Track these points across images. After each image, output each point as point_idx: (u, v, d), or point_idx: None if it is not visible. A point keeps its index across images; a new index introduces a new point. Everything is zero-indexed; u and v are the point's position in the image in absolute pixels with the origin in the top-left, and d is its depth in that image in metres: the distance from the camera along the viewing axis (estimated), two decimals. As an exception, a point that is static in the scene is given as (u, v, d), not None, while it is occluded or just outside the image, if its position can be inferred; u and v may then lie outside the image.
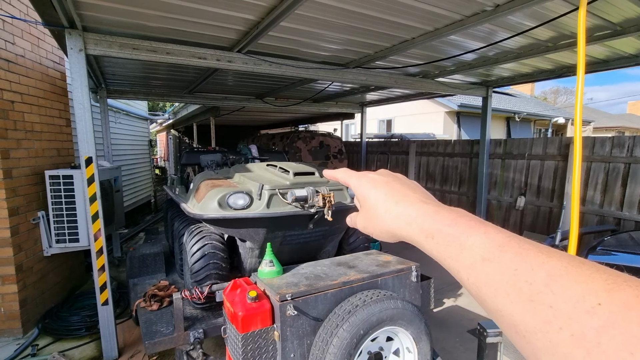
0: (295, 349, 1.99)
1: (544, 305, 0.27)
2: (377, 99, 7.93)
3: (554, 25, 3.19)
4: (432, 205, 0.40)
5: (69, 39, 2.88)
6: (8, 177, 3.48)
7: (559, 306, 0.26)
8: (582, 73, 0.92)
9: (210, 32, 3.21)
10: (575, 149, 0.98)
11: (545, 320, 0.26)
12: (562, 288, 0.27)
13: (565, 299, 0.26)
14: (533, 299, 0.28)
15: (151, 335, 2.45)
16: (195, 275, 2.68)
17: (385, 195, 0.44)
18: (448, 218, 0.37)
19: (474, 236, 0.34)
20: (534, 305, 0.27)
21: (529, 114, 14.80)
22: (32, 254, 3.81)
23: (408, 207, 0.41)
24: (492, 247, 0.33)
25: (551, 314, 0.26)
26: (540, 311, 0.27)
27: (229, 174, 3.27)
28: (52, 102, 4.36)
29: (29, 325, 3.68)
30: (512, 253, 0.31)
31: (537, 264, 0.29)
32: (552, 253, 0.30)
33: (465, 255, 0.34)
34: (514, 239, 0.33)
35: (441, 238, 0.36)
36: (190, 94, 6.48)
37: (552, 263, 0.29)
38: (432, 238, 0.37)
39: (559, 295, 0.26)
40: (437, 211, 0.39)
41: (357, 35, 3.39)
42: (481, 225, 0.35)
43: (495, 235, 0.33)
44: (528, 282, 0.29)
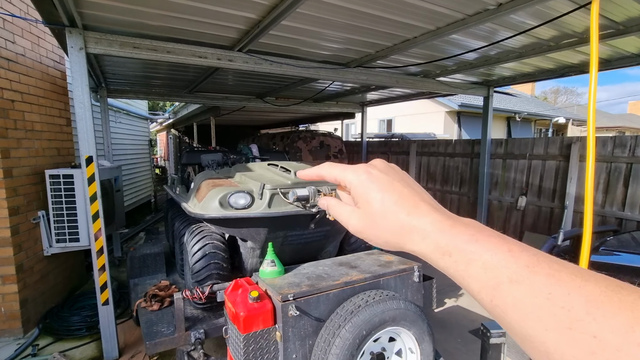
0: (297, 350, 1.98)
1: (586, 334, 0.25)
2: (377, 99, 7.92)
3: (556, 25, 3.18)
4: (447, 218, 0.36)
5: (69, 38, 2.87)
6: (8, 176, 3.47)
7: (605, 336, 0.24)
8: (595, 70, 0.90)
9: (211, 30, 3.19)
10: (588, 151, 0.96)
11: (588, 351, 0.25)
12: (606, 316, 0.25)
13: (612, 328, 0.24)
14: (572, 327, 0.26)
15: (152, 335, 2.44)
16: (196, 275, 2.67)
17: (395, 203, 0.38)
18: (466, 234, 0.34)
19: (497, 255, 0.32)
20: (574, 334, 0.26)
21: (529, 114, 14.80)
22: (32, 253, 3.79)
23: (421, 218, 0.37)
24: (520, 267, 0.30)
25: (595, 344, 0.24)
26: (582, 341, 0.25)
27: (229, 174, 3.26)
28: (52, 102, 4.34)
29: (30, 325, 3.67)
30: (544, 275, 0.29)
31: (573, 288, 0.27)
32: (586, 276, 0.28)
33: (489, 276, 0.31)
34: (541, 258, 0.31)
35: (460, 256, 0.34)
36: (191, 94, 6.47)
37: (590, 287, 0.27)
38: (449, 256, 0.34)
39: (603, 324, 0.25)
40: (452, 225, 0.35)
41: (358, 35, 3.38)
42: (504, 243, 0.33)
43: (521, 254, 0.31)
44: (565, 308, 0.27)
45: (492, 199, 6.30)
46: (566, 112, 20.20)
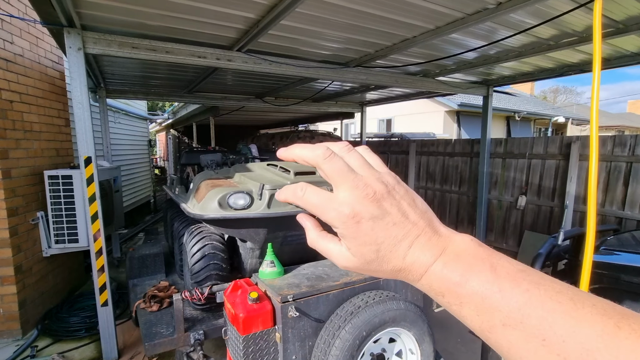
0: (297, 351, 1.97)
1: None
2: (377, 98, 7.91)
3: (556, 24, 3.17)
4: (441, 254, 0.34)
5: (67, 38, 2.86)
6: (7, 177, 3.46)
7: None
8: (597, 68, 0.89)
9: (210, 30, 3.18)
10: (591, 150, 0.95)
11: None
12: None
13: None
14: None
15: (151, 336, 2.43)
16: (195, 276, 2.66)
17: (390, 252, 0.35)
18: (456, 274, 0.33)
19: (488, 298, 0.31)
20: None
21: (529, 113, 14.80)
22: (31, 254, 3.78)
23: (415, 261, 0.35)
24: (511, 310, 0.30)
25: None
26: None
27: (229, 174, 3.25)
28: (51, 102, 4.33)
29: (29, 326, 3.66)
30: (536, 318, 0.28)
31: (568, 333, 0.27)
32: (580, 315, 0.27)
33: (482, 319, 0.31)
34: (534, 295, 0.30)
35: (452, 298, 0.33)
36: (190, 94, 6.45)
37: (585, 333, 0.27)
38: (442, 297, 0.34)
39: None
40: (445, 264, 0.33)
41: (358, 34, 3.37)
42: (495, 280, 0.31)
43: (511, 292, 0.30)
44: (561, 356, 0.27)
45: (492, 199, 6.29)
46: (565, 111, 20.21)
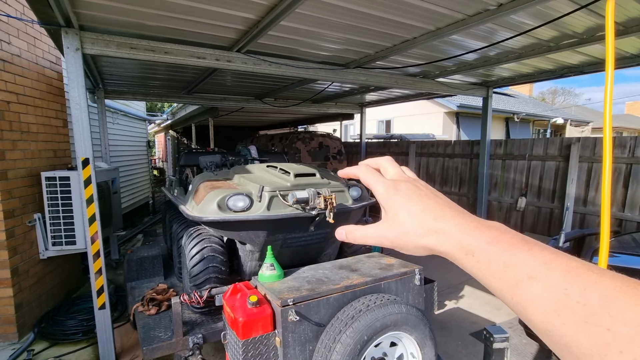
0: (297, 356, 1.94)
1: (601, 327, 0.26)
2: (376, 100, 7.90)
3: (557, 25, 3.16)
4: (471, 222, 0.38)
5: (65, 38, 2.83)
6: (3, 178, 3.43)
7: (618, 329, 0.25)
8: (611, 68, 0.87)
9: (210, 31, 3.16)
10: (605, 152, 0.93)
11: (603, 343, 0.26)
12: (620, 310, 0.26)
13: (625, 321, 0.25)
14: (587, 320, 0.27)
15: (149, 340, 2.40)
16: (194, 279, 2.63)
17: (422, 211, 0.40)
18: (489, 235, 0.36)
19: (518, 254, 0.33)
20: (589, 327, 0.27)
21: (528, 115, 14.83)
22: (28, 257, 3.74)
23: (447, 222, 0.39)
24: (538, 265, 0.31)
25: (610, 337, 0.26)
26: (597, 334, 0.26)
27: (228, 175, 3.23)
28: (48, 103, 4.30)
29: (25, 329, 3.61)
30: (561, 271, 0.30)
31: (589, 283, 0.28)
32: (602, 272, 0.29)
33: (509, 274, 0.33)
34: (560, 256, 0.32)
35: (482, 256, 0.35)
36: (189, 95, 6.43)
37: (605, 283, 0.28)
38: (472, 255, 0.36)
39: (617, 317, 0.26)
40: (476, 227, 0.37)
41: (358, 35, 3.35)
42: (524, 243, 0.34)
43: (540, 253, 0.32)
44: (581, 302, 0.28)
45: (492, 200, 6.29)
46: (564, 112, 20.27)
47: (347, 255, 3.19)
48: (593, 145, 5.02)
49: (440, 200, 0.42)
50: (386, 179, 0.46)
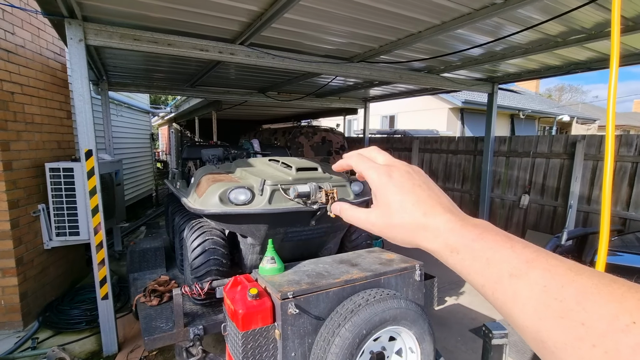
0: (297, 348, 1.96)
1: (576, 322, 0.27)
2: (380, 95, 7.85)
3: (565, 20, 3.11)
4: (459, 219, 0.39)
5: (68, 29, 2.83)
6: (8, 169, 3.45)
7: (592, 324, 0.26)
8: (615, 64, 0.85)
9: (213, 23, 3.14)
10: (607, 150, 0.92)
11: (577, 337, 0.27)
12: (595, 306, 0.27)
13: (598, 317, 0.26)
14: (563, 315, 0.28)
15: (151, 331, 2.43)
16: (195, 271, 2.65)
17: (413, 204, 0.40)
18: (474, 233, 0.36)
19: (500, 251, 0.34)
20: (565, 322, 0.28)
21: (533, 111, 14.67)
22: (32, 247, 3.79)
23: (435, 218, 0.39)
24: (520, 262, 0.32)
25: (583, 331, 0.27)
26: (572, 328, 0.27)
27: (230, 169, 3.23)
28: (52, 94, 4.31)
29: (30, 318, 3.67)
30: (541, 269, 0.31)
31: (566, 281, 0.29)
32: (581, 270, 0.30)
33: (491, 271, 0.34)
34: (542, 254, 0.33)
35: (467, 253, 0.36)
36: (192, 88, 6.42)
37: (582, 281, 0.29)
38: (457, 253, 0.36)
39: (591, 313, 0.27)
40: (463, 225, 0.38)
41: (362, 28, 3.32)
42: (507, 240, 0.35)
43: (523, 250, 0.33)
44: (558, 299, 0.29)
45: (495, 197, 6.25)
46: (571, 109, 20.05)
47: (348, 249, 3.20)
48: (599, 143, 4.97)
49: (432, 192, 0.42)
50: (380, 165, 0.45)
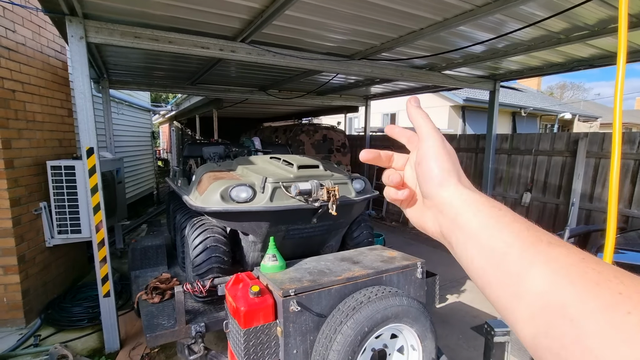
0: (298, 345, 1.96)
1: (614, 291, 0.26)
2: (381, 92, 7.83)
3: (568, 16, 3.09)
4: (472, 189, 0.42)
5: (69, 27, 2.82)
6: (10, 167, 3.45)
7: (629, 294, 0.26)
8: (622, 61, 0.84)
9: (214, 20, 3.13)
10: (613, 147, 0.91)
11: (612, 304, 0.26)
12: (629, 280, 0.27)
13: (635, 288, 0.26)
14: (599, 282, 0.27)
15: (152, 328, 2.43)
16: (197, 269, 2.65)
17: (447, 161, 0.44)
18: (479, 194, 0.41)
19: (467, 201, 0.40)
20: (600, 289, 0.27)
21: (535, 109, 14.62)
22: (34, 244, 3.80)
23: (457, 178, 0.43)
24: (470, 207, 0.39)
25: (620, 299, 0.26)
26: (609, 295, 0.26)
27: (231, 167, 3.23)
28: (53, 92, 4.31)
29: (32, 315, 3.68)
30: (473, 222, 0.37)
31: (595, 259, 0.30)
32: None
33: (480, 219, 0.38)
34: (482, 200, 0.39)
35: (472, 206, 0.39)
36: (193, 86, 6.41)
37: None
38: (464, 208, 0.40)
39: (628, 285, 0.26)
40: (473, 190, 0.41)
41: (363, 25, 3.30)
42: (496, 203, 0.39)
43: (489, 204, 0.39)
44: (596, 270, 0.28)
45: (496, 195, 6.24)
46: (572, 107, 19.97)
47: (350, 247, 3.20)
48: (601, 141, 4.95)
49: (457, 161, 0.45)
50: None
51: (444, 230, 0.40)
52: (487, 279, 0.34)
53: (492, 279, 0.34)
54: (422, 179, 0.43)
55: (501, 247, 0.33)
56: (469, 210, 0.38)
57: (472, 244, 0.36)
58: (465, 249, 0.37)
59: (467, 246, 0.37)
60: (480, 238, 0.35)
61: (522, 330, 0.30)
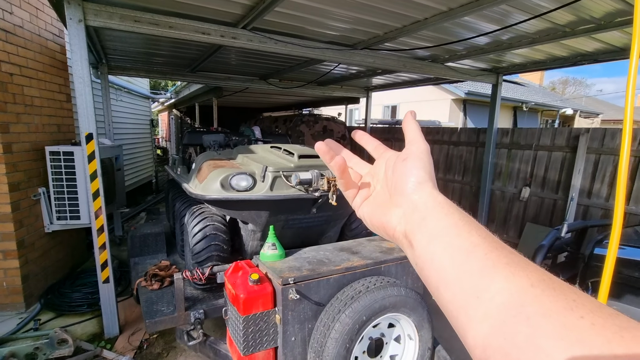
0: (296, 333, 1.98)
1: (569, 297, 0.28)
2: (383, 84, 7.76)
3: (574, 9, 3.04)
4: (434, 195, 0.42)
5: (67, 9, 2.77)
6: (8, 151, 3.43)
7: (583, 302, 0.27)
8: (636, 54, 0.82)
9: (215, 6, 3.08)
10: (623, 142, 0.90)
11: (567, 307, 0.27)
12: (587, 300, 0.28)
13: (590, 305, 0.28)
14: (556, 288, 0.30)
15: (152, 314, 2.45)
16: (196, 256, 2.66)
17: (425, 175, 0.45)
18: (443, 197, 0.42)
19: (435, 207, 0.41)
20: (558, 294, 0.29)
21: (536, 104, 14.56)
22: (33, 230, 3.79)
23: (429, 183, 0.43)
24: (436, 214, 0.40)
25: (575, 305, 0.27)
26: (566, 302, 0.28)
27: (231, 155, 3.21)
28: (51, 76, 4.25)
29: (32, 300, 3.70)
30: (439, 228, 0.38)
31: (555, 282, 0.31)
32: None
33: (443, 224, 0.39)
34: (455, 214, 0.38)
35: (438, 210, 0.40)
36: (193, 73, 6.34)
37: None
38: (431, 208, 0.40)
39: (581, 295, 0.28)
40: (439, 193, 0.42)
41: (367, 14, 3.25)
42: (461, 211, 0.40)
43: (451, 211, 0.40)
44: (553, 279, 0.30)
45: (495, 189, 6.25)
46: (574, 103, 19.90)
47: (348, 238, 3.21)
48: (602, 137, 4.94)
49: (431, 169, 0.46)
50: None
51: (409, 229, 0.40)
52: (445, 277, 0.35)
53: (451, 277, 0.34)
54: (403, 176, 0.43)
55: (467, 245, 0.34)
56: (441, 211, 0.38)
57: (437, 242, 0.37)
58: (427, 247, 0.37)
59: (430, 244, 0.37)
60: (447, 235, 0.36)
61: (473, 330, 0.31)
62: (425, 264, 0.37)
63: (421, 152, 0.44)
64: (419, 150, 0.44)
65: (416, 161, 0.43)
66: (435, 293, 0.36)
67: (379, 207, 0.47)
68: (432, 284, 0.37)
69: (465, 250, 0.34)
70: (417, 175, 0.42)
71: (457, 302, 0.33)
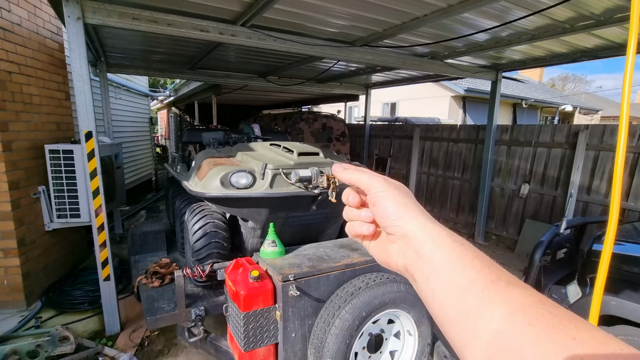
0: (297, 329, 1.99)
1: (568, 335, 0.28)
2: (382, 81, 7.75)
3: (574, 5, 3.04)
4: (427, 222, 0.42)
5: (66, 7, 2.76)
6: (7, 150, 3.43)
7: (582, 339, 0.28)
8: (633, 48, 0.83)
9: (214, 3, 3.07)
10: (619, 139, 0.90)
11: (566, 348, 0.28)
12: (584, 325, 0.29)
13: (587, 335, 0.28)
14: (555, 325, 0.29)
15: (153, 311, 2.46)
16: (196, 254, 2.67)
17: (404, 204, 0.45)
18: (441, 227, 0.42)
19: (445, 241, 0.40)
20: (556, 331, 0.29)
21: (536, 101, 14.55)
22: (33, 228, 3.80)
23: (418, 213, 0.44)
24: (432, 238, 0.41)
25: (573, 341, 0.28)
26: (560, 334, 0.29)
27: (231, 153, 3.22)
28: (50, 75, 4.24)
29: (33, 298, 3.72)
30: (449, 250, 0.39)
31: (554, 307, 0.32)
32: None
33: (442, 252, 0.39)
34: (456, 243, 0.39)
35: (431, 239, 0.41)
36: (192, 70, 6.33)
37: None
38: (423, 238, 0.41)
39: (581, 330, 0.29)
40: (431, 221, 0.42)
41: (366, 11, 3.25)
42: (457, 239, 0.40)
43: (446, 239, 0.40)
44: (553, 313, 0.30)
45: (495, 186, 6.26)
46: (574, 99, 19.89)
47: (348, 235, 3.21)
48: (601, 133, 4.94)
49: (413, 204, 0.45)
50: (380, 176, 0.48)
51: (409, 263, 0.41)
52: (447, 314, 0.35)
53: (452, 314, 0.35)
54: (379, 217, 0.44)
55: (463, 283, 0.34)
56: (433, 244, 0.39)
57: (435, 278, 0.37)
58: (427, 282, 0.38)
59: (429, 280, 0.38)
60: (443, 273, 0.36)
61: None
62: (428, 299, 0.38)
63: (383, 189, 0.44)
64: (380, 189, 0.44)
65: (384, 200, 0.43)
66: (442, 330, 0.37)
67: (380, 244, 0.47)
68: (437, 320, 0.37)
69: (461, 289, 0.34)
70: (392, 212, 0.42)
71: (460, 339, 0.34)
